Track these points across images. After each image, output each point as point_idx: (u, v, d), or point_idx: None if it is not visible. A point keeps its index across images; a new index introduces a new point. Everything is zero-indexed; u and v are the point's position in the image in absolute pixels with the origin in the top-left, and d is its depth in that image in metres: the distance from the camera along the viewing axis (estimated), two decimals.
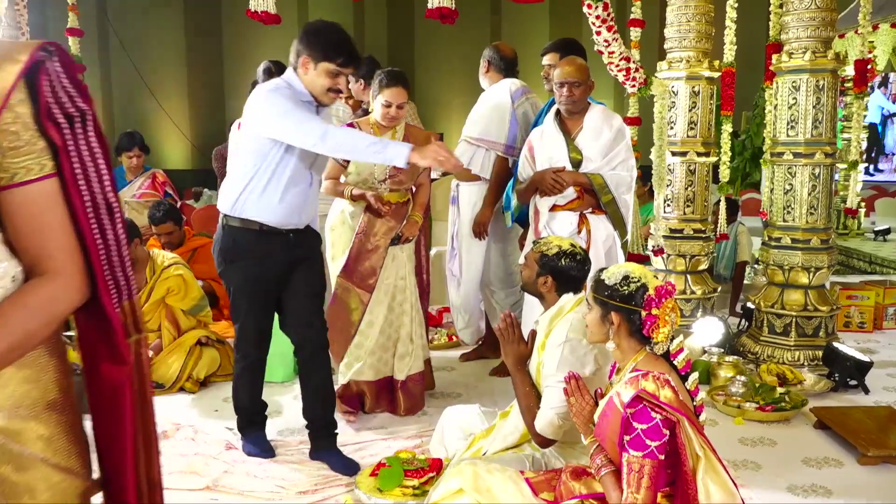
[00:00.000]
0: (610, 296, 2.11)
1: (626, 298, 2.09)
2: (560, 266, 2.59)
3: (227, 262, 3.05)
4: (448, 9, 3.82)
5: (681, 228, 4.96)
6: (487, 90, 4.36)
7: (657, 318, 2.05)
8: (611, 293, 2.11)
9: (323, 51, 2.84)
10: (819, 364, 4.24)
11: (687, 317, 4.88)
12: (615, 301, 2.10)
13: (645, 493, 1.93)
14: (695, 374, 2.12)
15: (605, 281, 2.13)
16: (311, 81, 2.88)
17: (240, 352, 3.20)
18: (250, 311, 3.11)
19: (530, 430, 2.51)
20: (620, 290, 2.09)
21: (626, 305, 2.09)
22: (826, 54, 4.23)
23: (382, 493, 2.70)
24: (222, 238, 3.04)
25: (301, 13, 13.75)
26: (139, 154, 5.53)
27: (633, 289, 2.08)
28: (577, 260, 2.62)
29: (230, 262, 3.04)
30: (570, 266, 2.60)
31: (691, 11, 4.77)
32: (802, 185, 4.34)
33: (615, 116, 3.70)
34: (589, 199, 3.58)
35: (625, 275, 2.11)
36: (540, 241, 2.72)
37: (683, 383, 2.08)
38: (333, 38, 2.89)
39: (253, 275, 3.04)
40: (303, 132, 2.79)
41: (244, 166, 2.96)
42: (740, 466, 3.10)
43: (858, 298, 5.33)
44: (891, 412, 3.56)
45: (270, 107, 2.83)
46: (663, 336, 2.06)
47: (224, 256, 3.05)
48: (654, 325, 2.05)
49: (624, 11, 5.96)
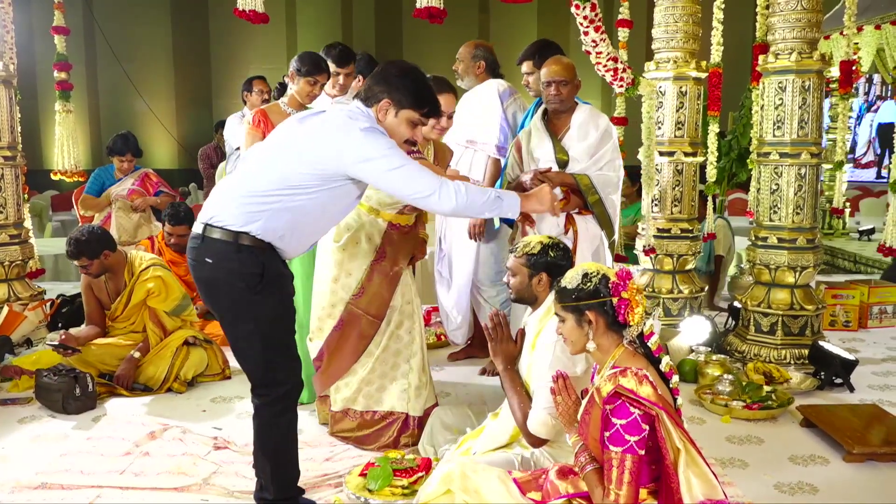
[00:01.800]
0: (578, 297, 2.15)
1: (593, 294, 2.13)
2: (550, 260, 2.62)
3: (255, 292, 2.44)
4: (437, 8, 3.82)
5: (668, 228, 4.99)
6: (472, 91, 4.35)
7: (629, 301, 2.10)
8: (578, 295, 2.15)
9: (412, 97, 2.52)
10: (805, 362, 4.27)
11: (675, 316, 4.91)
12: (585, 300, 2.13)
13: (627, 488, 1.95)
14: (667, 357, 2.16)
15: (568, 286, 2.18)
16: (390, 128, 2.53)
17: (285, 400, 2.57)
18: (291, 339, 2.62)
19: (522, 430, 2.51)
20: (585, 288, 2.14)
21: (597, 299, 2.13)
22: (812, 55, 4.26)
23: (372, 492, 2.70)
24: (245, 263, 2.42)
25: (289, 12, 13.72)
26: (131, 159, 5.51)
27: (596, 282, 2.14)
28: (561, 249, 2.68)
29: (260, 291, 2.45)
30: (559, 256, 2.65)
31: (678, 12, 4.80)
32: (789, 185, 4.37)
33: (601, 116, 3.71)
34: (576, 200, 3.59)
35: (583, 273, 2.17)
36: (518, 246, 2.72)
37: (662, 377, 2.11)
38: (421, 83, 2.57)
39: (288, 297, 2.60)
40: (416, 189, 2.44)
41: (283, 193, 2.42)
42: (727, 464, 3.12)
43: (843, 297, 5.38)
44: (875, 410, 3.59)
45: (375, 152, 2.40)
46: (639, 317, 2.11)
47: (251, 284, 2.43)
48: (627, 307, 2.10)
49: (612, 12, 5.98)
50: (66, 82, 5.40)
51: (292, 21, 13.82)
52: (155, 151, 13.96)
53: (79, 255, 3.96)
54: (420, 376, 3.31)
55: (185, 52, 14.31)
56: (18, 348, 4.56)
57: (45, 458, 3.15)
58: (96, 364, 3.97)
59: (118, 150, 5.43)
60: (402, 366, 3.31)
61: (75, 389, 3.66)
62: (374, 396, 3.30)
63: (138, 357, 3.99)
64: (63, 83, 5.39)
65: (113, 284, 4.13)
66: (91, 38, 13.56)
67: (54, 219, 10.88)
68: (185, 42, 14.28)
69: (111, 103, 14.02)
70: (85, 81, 13.38)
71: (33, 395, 3.79)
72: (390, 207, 3.22)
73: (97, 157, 13.04)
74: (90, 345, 4.05)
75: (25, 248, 5.14)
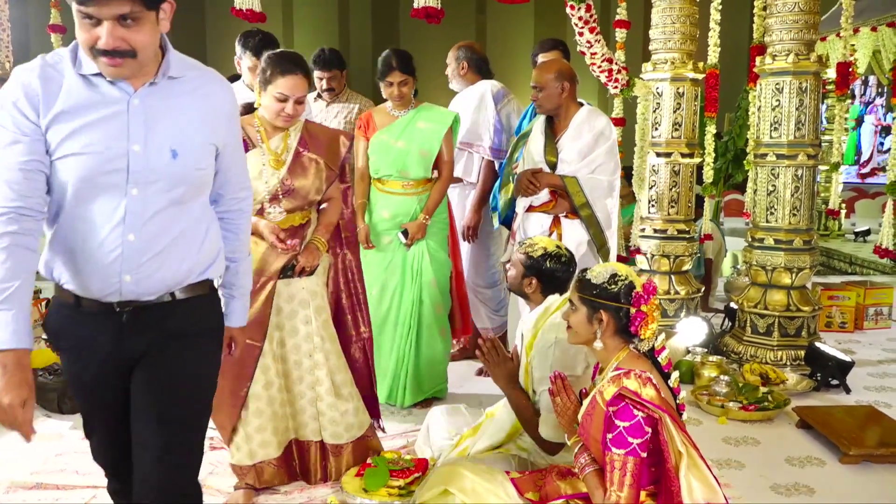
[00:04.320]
0: (598, 295, 2.11)
1: (614, 296, 2.10)
2: (545, 268, 2.59)
3: None
4: (434, 8, 3.83)
5: (665, 229, 4.99)
6: (464, 92, 4.32)
7: (646, 315, 2.07)
8: (599, 292, 2.11)
9: None
10: (801, 364, 4.28)
11: (671, 317, 4.91)
12: (604, 300, 2.11)
13: (628, 490, 1.94)
14: (676, 373, 2.14)
15: (592, 280, 2.14)
16: None
17: None
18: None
19: (537, 442, 2.47)
20: (609, 288, 2.10)
21: (616, 303, 2.10)
22: (809, 57, 4.26)
23: (368, 493, 2.69)
24: None
25: (286, 11, 13.70)
26: None
27: (622, 287, 2.10)
28: (561, 262, 2.62)
29: None
30: (555, 268, 2.60)
31: (676, 13, 4.79)
32: (785, 187, 4.37)
33: (600, 118, 3.63)
34: (563, 203, 3.54)
35: (612, 273, 2.12)
36: (525, 242, 2.72)
37: (665, 381, 2.10)
38: None
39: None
40: None
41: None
42: (724, 466, 3.12)
43: (840, 299, 5.38)
44: (871, 411, 3.60)
45: None
46: (651, 332, 2.08)
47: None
48: (643, 321, 2.07)
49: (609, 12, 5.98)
50: None
51: (289, 20, 13.79)
52: None
53: None
54: (338, 405, 2.83)
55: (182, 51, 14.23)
56: None
57: (41, 458, 3.14)
58: None
59: None
60: (305, 394, 2.83)
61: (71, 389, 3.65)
62: (280, 436, 2.83)
63: None
64: None
65: None
66: None
67: None
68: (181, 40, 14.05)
69: None
70: None
71: None
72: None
73: None
74: None
75: None
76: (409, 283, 3.68)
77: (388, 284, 3.69)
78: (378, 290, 3.67)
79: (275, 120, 2.66)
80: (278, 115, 2.63)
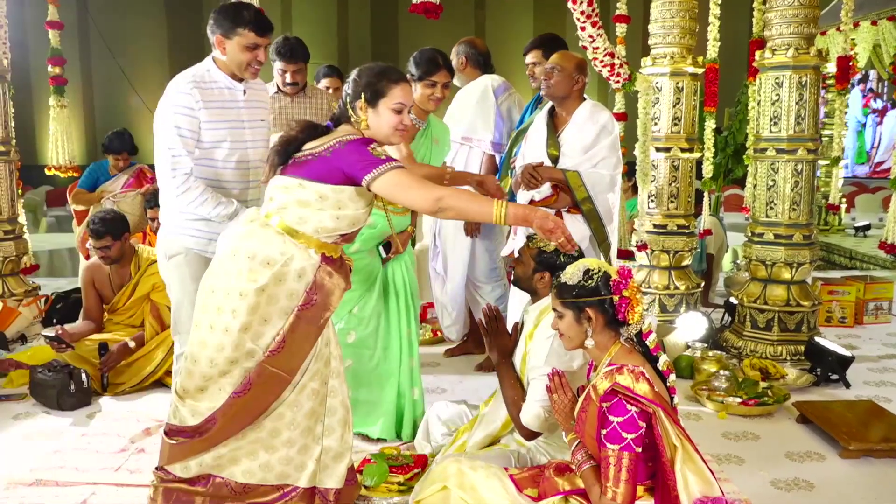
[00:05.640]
0: (579, 294, 2.13)
1: (594, 290, 2.12)
2: (559, 263, 2.60)
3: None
4: (432, 3, 3.82)
5: (664, 224, 4.98)
6: (465, 87, 4.32)
7: (630, 299, 2.09)
8: (578, 291, 2.13)
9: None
10: (801, 359, 4.28)
11: (671, 312, 4.91)
12: (585, 297, 2.12)
13: (624, 486, 1.94)
14: (665, 355, 2.16)
15: (568, 283, 2.16)
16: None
17: None
18: None
19: (515, 423, 2.52)
20: (586, 285, 2.13)
21: (598, 297, 2.12)
22: (809, 51, 4.25)
23: (368, 489, 2.70)
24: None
25: (285, 8, 13.68)
26: (126, 158, 5.47)
27: (598, 279, 2.12)
28: (573, 257, 2.63)
29: None
30: (568, 262, 2.61)
31: (675, 8, 4.78)
32: (785, 181, 4.36)
33: (602, 112, 3.61)
34: (565, 197, 3.52)
35: (584, 270, 2.15)
36: (536, 236, 2.72)
37: (658, 373, 2.11)
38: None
39: None
40: None
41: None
42: (724, 461, 3.12)
43: (839, 294, 5.38)
44: (871, 406, 3.60)
45: None
46: (638, 315, 2.11)
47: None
48: (628, 306, 2.09)
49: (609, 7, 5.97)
50: (61, 77, 5.38)
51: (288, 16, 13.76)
52: (150, 146, 13.84)
53: (104, 235, 3.95)
54: (340, 441, 2.41)
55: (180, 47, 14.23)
56: (13, 344, 4.55)
57: (40, 454, 3.13)
58: (91, 360, 3.95)
59: (114, 150, 5.37)
60: (316, 428, 2.40)
61: (70, 386, 3.64)
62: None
63: (133, 347, 3.95)
64: (57, 78, 5.37)
65: (118, 276, 4.13)
66: (85, 32, 13.50)
67: (49, 214, 10.85)
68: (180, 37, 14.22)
69: (106, 98, 13.96)
70: (79, 76, 13.32)
71: (28, 391, 3.77)
72: (328, 235, 2.33)
73: (92, 153, 12.99)
74: (84, 340, 4.03)
75: (20, 244, 5.12)
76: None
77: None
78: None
79: (391, 136, 2.41)
80: (395, 129, 2.39)
